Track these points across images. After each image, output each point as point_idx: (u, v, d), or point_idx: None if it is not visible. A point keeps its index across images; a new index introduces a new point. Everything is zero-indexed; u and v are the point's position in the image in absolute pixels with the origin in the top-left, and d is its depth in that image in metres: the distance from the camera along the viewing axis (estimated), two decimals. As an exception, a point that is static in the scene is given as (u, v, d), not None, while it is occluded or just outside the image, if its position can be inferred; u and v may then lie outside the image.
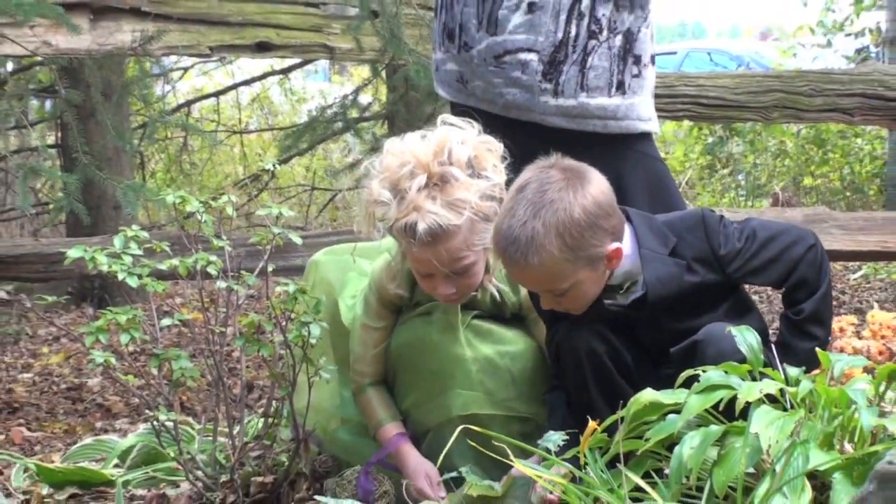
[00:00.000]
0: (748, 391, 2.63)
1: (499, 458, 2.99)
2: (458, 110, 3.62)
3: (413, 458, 3.40)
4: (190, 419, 4.14)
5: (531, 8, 3.49)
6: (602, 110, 3.52)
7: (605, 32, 3.51)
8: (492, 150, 3.28)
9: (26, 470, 3.88)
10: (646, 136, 3.64)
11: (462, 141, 3.25)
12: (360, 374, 3.50)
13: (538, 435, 3.05)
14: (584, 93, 3.50)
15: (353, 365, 3.51)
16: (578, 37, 3.49)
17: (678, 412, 2.68)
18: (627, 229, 3.08)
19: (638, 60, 3.57)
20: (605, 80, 3.52)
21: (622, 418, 2.75)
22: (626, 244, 3.05)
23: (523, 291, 3.37)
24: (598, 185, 3.00)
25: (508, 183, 3.16)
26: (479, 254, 3.25)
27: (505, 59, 3.51)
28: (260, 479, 3.44)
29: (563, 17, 3.49)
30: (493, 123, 3.44)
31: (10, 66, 7.29)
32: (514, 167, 3.23)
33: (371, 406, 3.48)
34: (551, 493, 2.76)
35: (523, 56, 3.50)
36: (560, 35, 3.49)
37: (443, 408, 3.37)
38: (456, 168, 3.21)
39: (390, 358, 3.48)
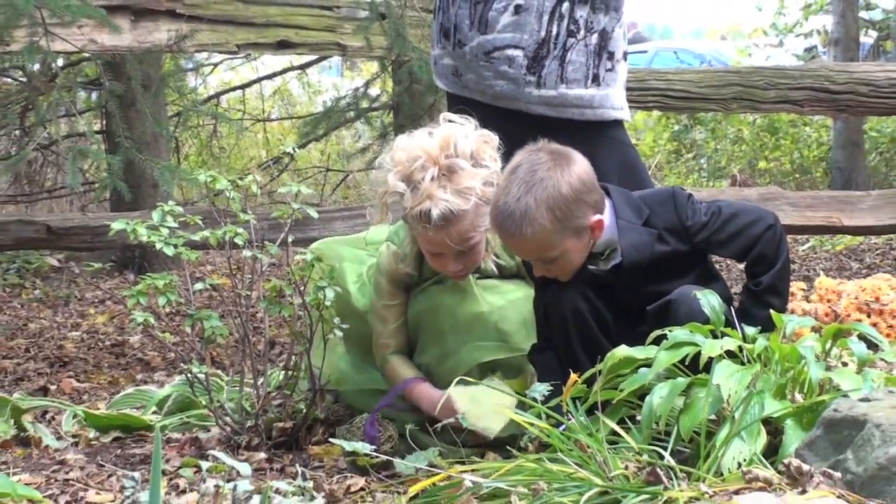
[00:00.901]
0: (711, 348, 2.63)
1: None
2: (454, 101, 3.62)
3: (429, 389, 3.36)
4: (219, 372, 4.12)
5: (517, 10, 3.49)
6: (579, 100, 3.52)
7: (582, 31, 3.51)
8: (488, 141, 3.30)
9: (75, 416, 3.87)
10: (618, 124, 3.64)
11: (465, 136, 3.26)
12: (383, 346, 3.47)
13: None
14: (563, 84, 3.50)
15: (376, 340, 3.48)
16: (559, 35, 3.49)
17: (649, 366, 2.68)
18: (607, 203, 3.07)
19: (611, 56, 3.57)
20: (582, 73, 3.51)
21: (600, 371, 2.74)
22: (606, 216, 3.04)
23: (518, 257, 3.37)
24: (581, 165, 3.00)
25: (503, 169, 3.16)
26: (483, 233, 3.26)
27: (494, 54, 3.51)
28: (281, 424, 3.44)
29: (545, 18, 3.48)
30: (485, 112, 3.44)
31: (60, 61, 7.24)
32: (505, 152, 3.24)
33: (395, 371, 3.44)
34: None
35: (510, 52, 3.50)
36: (543, 34, 3.48)
37: (465, 360, 3.34)
38: (461, 160, 3.23)
39: (410, 324, 3.45)
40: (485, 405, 3.11)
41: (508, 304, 3.38)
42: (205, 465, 2.93)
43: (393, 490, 2.95)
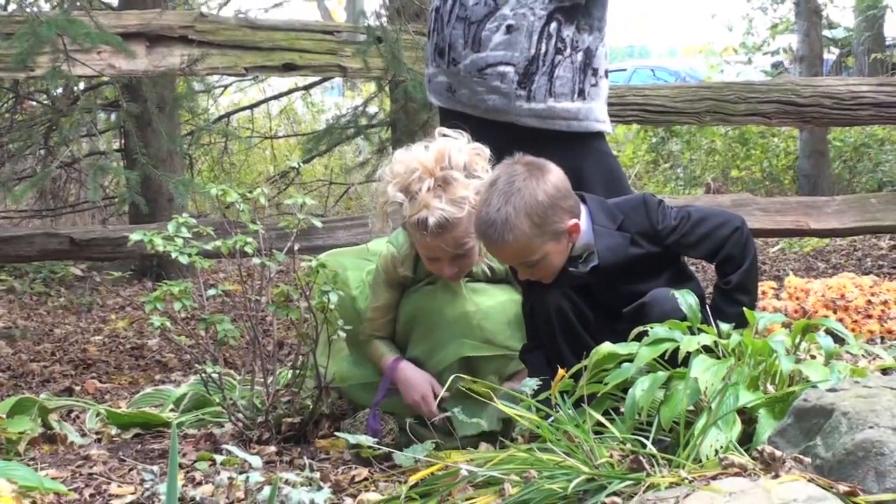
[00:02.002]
0: (688, 343, 2.62)
1: (486, 400, 2.97)
2: (448, 116, 3.62)
3: (409, 372, 3.38)
4: (232, 371, 4.12)
5: (509, 29, 3.49)
6: (566, 112, 3.52)
7: (568, 49, 3.51)
8: (480, 154, 3.30)
9: (98, 414, 3.86)
10: (601, 136, 3.64)
11: (458, 149, 3.26)
12: (371, 330, 3.48)
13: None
14: (551, 98, 3.50)
15: (364, 326, 3.48)
16: (547, 53, 3.49)
17: (631, 361, 2.67)
18: (583, 209, 3.07)
19: (595, 73, 3.57)
20: (568, 88, 3.51)
21: (585, 366, 2.73)
22: (583, 221, 3.04)
23: (506, 263, 3.36)
24: (555, 174, 3.00)
25: None
26: (475, 239, 3.25)
27: (487, 71, 3.51)
28: (289, 419, 3.43)
29: (534, 37, 3.48)
30: (477, 126, 3.44)
31: (81, 85, 7.24)
32: (496, 163, 3.23)
33: (377, 349, 3.46)
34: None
35: (502, 69, 3.50)
36: (532, 51, 3.48)
37: (450, 355, 3.35)
38: (455, 171, 3.23)
39: (403, 320, 3.45)
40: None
41: (495, 304, 3.37)
42: (219, 458, 2.92)
43: (394, 479, 2.95)
